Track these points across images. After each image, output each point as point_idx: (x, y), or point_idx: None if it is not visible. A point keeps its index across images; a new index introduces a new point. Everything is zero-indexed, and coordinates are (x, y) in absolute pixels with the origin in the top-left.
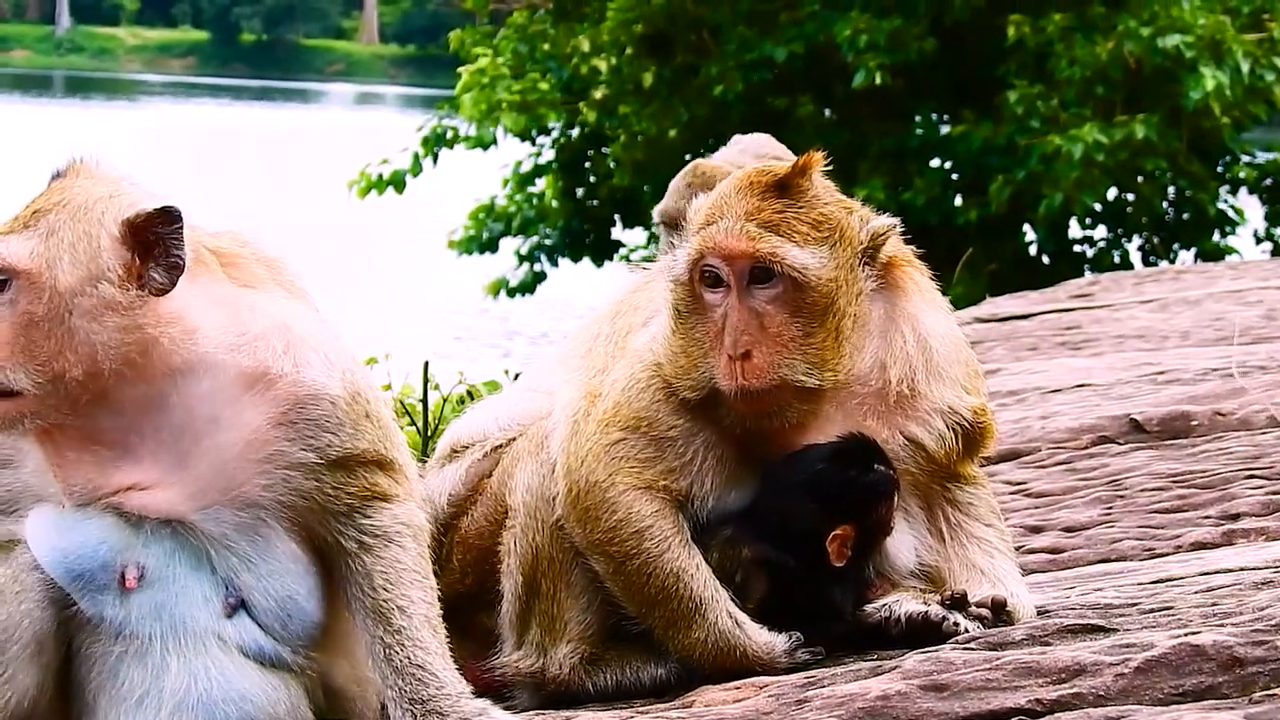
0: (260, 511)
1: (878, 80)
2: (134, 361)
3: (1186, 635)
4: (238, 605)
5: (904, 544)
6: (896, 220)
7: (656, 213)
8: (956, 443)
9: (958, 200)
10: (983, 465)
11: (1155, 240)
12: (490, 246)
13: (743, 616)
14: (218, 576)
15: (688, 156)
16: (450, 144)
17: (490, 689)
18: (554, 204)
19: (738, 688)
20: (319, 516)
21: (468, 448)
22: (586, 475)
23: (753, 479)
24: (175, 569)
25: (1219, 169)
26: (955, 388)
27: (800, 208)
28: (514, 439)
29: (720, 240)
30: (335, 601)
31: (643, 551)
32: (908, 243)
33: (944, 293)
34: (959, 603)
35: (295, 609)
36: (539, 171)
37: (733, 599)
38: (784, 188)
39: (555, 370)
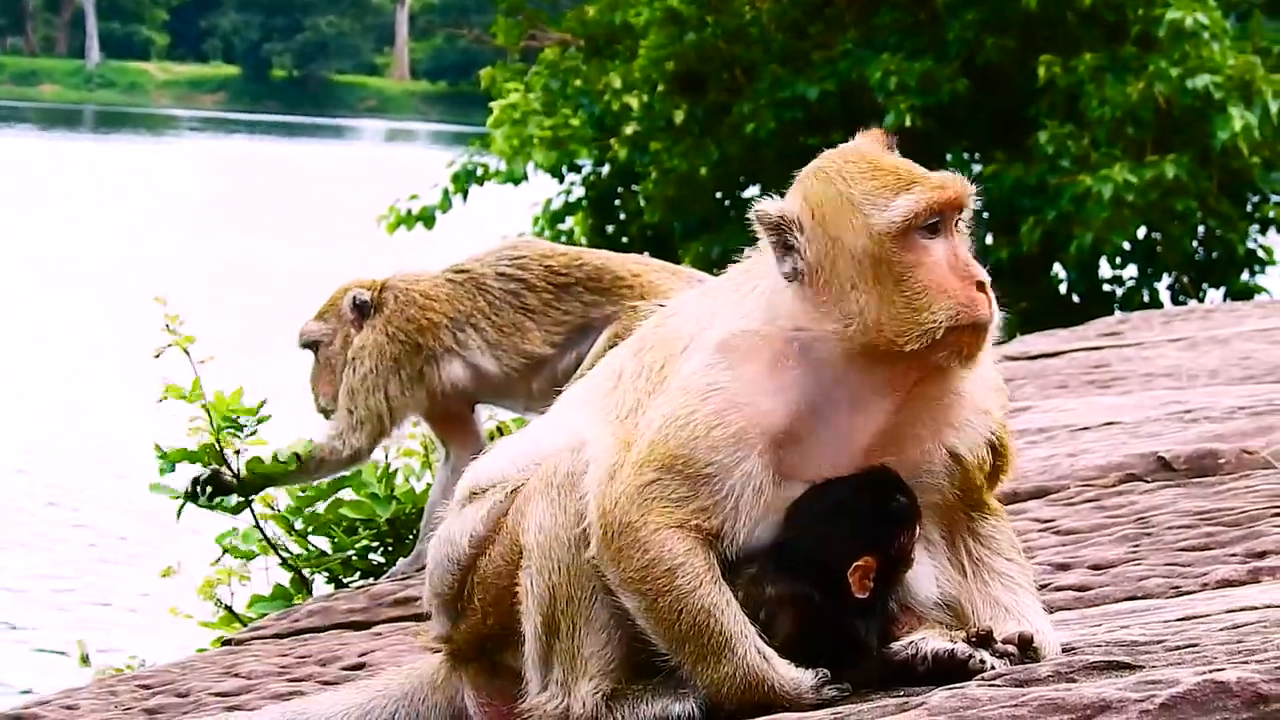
0: None
1: (908, 122)
2: None
3: (1211, 672)
4: None
5: (925, 574)
6: None
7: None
8: (988, 458)
9: (989, 239)
10: (1009, 502)
11: (1185, 279)
12: None
13: (770, 652)
14: None
15: (719, 194)
16: (481, 181)
17: None
18: (583, 241)
19: None
20: None
21: (487, 490)
22: (620, 516)
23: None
24: None
25: (1248, 208)
26: (988, 391)
27: None
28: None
29: (949, 191)
30: None
31: (674, 589)
32: None
33: None
34: (985, 640)
35: None
36: (569, 209)
37: (760, 636)
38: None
39: (577, 410)
